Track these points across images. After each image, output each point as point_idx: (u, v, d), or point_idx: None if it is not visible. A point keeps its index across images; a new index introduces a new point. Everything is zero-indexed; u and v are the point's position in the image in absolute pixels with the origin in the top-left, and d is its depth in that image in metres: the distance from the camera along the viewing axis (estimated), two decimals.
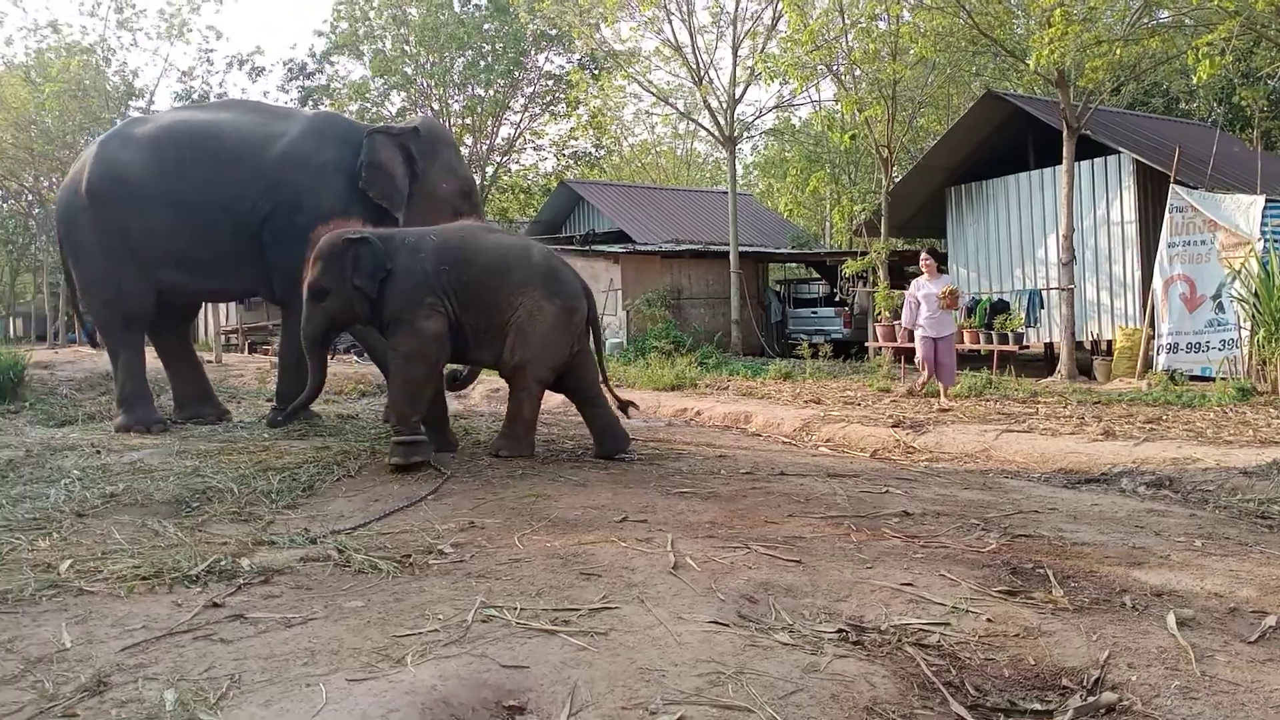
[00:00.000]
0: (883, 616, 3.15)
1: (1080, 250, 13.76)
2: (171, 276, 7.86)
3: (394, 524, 4.56)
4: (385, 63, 24.78)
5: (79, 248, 7.97)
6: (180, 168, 7.62)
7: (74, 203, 7.88)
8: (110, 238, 7.69)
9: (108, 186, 7.65)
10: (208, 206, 7.59)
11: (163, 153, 7.68)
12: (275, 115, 8.48)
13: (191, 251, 7.73)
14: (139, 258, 7.71)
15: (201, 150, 7.71)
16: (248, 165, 7.66)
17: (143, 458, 6.33)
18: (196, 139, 7.79)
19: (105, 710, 2.40)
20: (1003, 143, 15.96)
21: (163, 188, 7.60)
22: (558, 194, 26.25)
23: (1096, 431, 7.27)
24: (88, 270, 7.99)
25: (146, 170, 7.62)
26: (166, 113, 8.73)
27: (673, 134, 37.14)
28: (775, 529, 4.41)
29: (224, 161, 7.67)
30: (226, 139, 7.79)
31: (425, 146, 7.91)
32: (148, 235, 7.66)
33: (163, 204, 7.59)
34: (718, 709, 2.42)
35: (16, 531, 4.28)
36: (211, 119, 8.11)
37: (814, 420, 8.57)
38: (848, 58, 15.75)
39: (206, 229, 7.64)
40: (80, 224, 7.85)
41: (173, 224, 7.62)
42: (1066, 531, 4.44)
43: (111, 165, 7.70)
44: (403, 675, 2.60)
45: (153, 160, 7.65)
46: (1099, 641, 2.92)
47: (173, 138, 7.79)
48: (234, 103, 9.63)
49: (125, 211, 7.63)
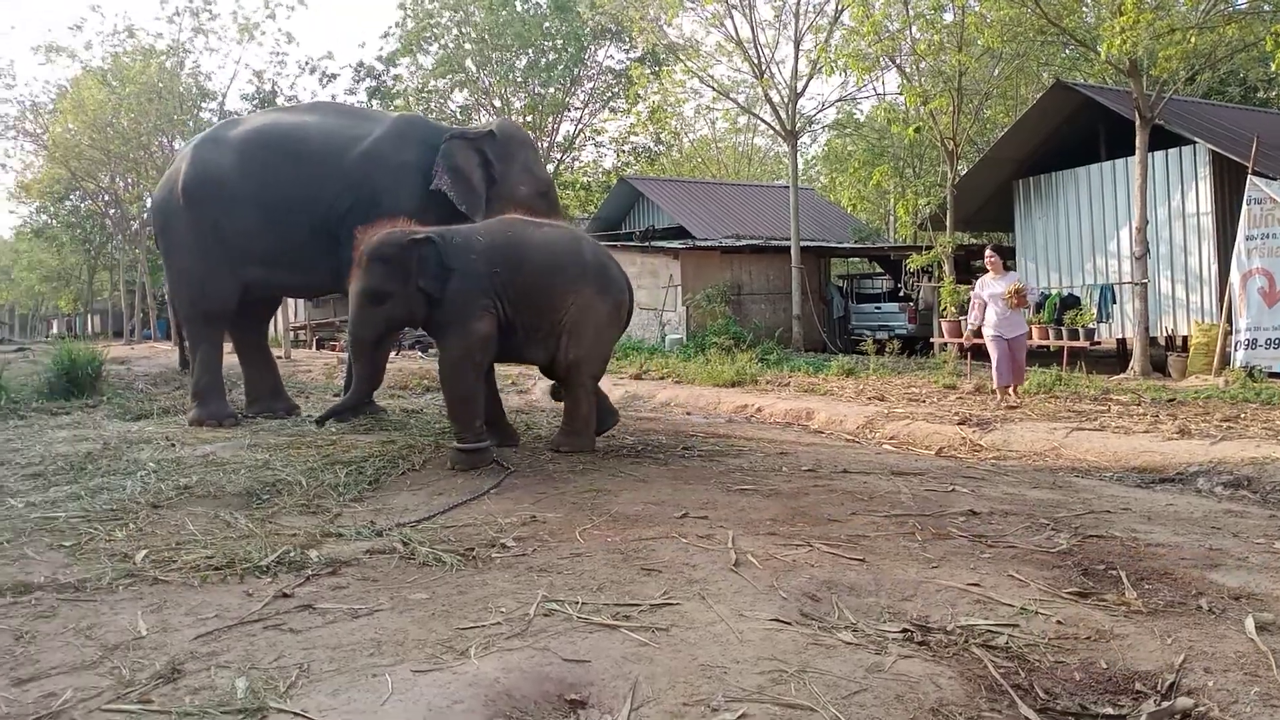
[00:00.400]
0: (949, 617, 3.10)
1: (1154, 243, 13.39)
2: (258, 274, 8.12)
3: (457, 517, 4.61)
4: (449, 63, 25.07)
5: (172, 245, 8.31)
6: (267, 169, 7.85)
7: (169, 201, 8.21)
8: (203, 236, 7.99)
9: (200, 188, 7.94)
10: (292, 206, 7.83)
11: (251, 155, 7.93)
12: (360, 117, 8.66)
13: (277, 250, 7.98)
14: (228, 256, 7.99)
15: (286, 152, 7.93)
16: (330, 165, 7.85)
17: (215, 451, 6.49)
18: (282, 141, 8.01)
19: (179, 697, 2.46)
20: (1073, 134, 15.59)
21: (250, 189, 7.85)
22: (617, 190, 26.29)
23: (1171, 430, 7.08)
24: (178, 266, 8.33)
25: (236, 172, 7.88)
26: (256, 114, 8.98)
27: (732, 128, 36.97)
28: (838, 527, 4.37)
29: (308, 162, 7.87)
30: (311, 141, 7.99)
31: (501, 149, 7.93)
32: (237, 234, 7.93)
33: (250, 204, 7.85)
34: (780, 707, 2.40)
35: (95, 522, 4.42)
36: (297, 121, 8.31)
37: (877, 417, 8.47)
38: (912, 50, 15.53)
39: (290, 228, 7.88)
40: (175, 222, 8.18)
41: (260, 224, 7.88)
42: (1140, 532, 4.33)
43: (204, 167, 7.98)
44: (466, 667, 2.63)
45: (242, 162, 7.90)
46: (1174, 645, 2.84)
47: (260, 140, 8.02)
48: (320, 105, 9.83)
49: (217, 212, 7.91)
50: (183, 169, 8.09)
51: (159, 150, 27.92)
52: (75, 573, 3.58)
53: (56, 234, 37.77)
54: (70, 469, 5.83)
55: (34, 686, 2.54)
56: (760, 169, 39.67)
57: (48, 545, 4.02)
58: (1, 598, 3.30)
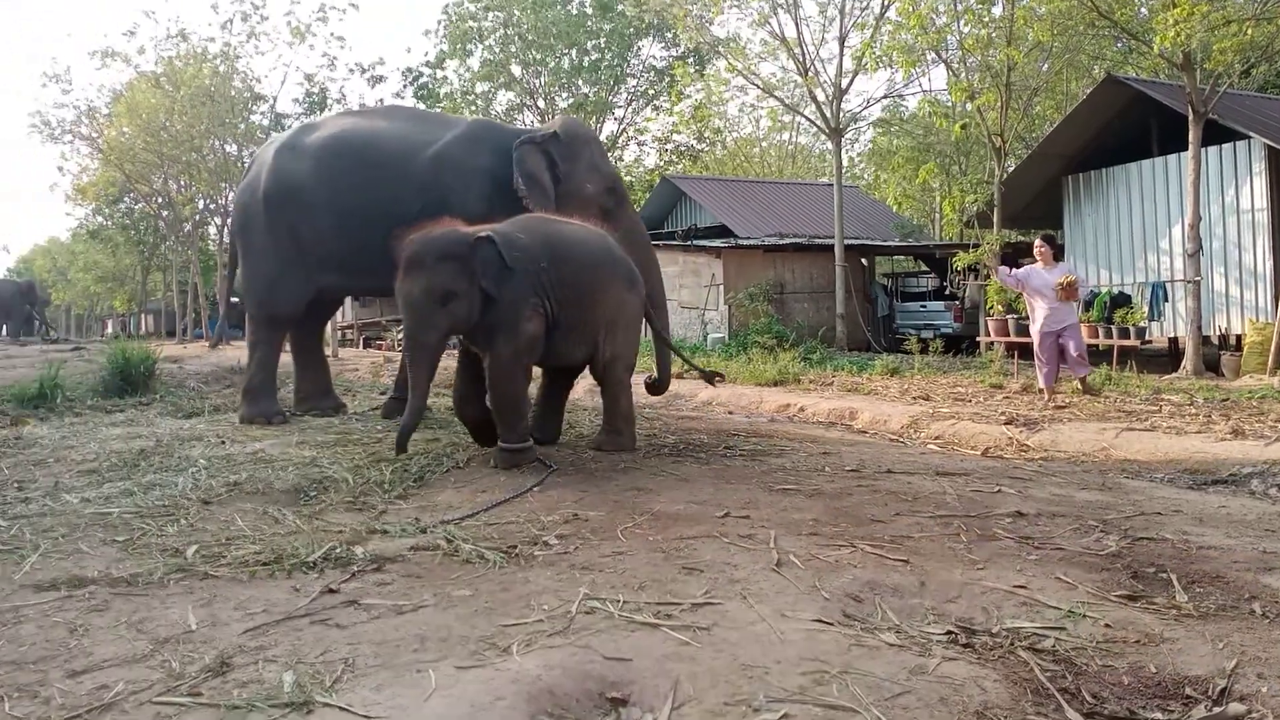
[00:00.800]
0: (994, 619, 3.06)
1: (1207, 240, 13.12)
2: (333, 279, 8.34)
3: (500, 515, 4.64)
4: (493, 64, 25.22)
5: (249, 245, 8.54)
6: (341, 177, 8.03)
7: (250, 204, 8.45)
8: (280, 240, 8.20)
9: (279, 194, 8.17)
10: (366, 213, 7.99)
11: (326, 163, 8.11)
12: (432, 121, 8.72)
13: (352, 255, 8.14)
14: (304, 261, 8.19)
15: (360, 159, 8.08)
16: (401, 170, 7.99)
17: (264, 448, 6.59)
18: (356, 148, 8.17)
19: (228, 690, 2.51)
20: (1123, 129, 15.33)
21: (327, 196, 8.04)
22: (660, 190, 26.30)
23: (1224, 430, 6.93)
24: (253, 266, 8.53)
25: (312, 179, 8.08)
26: (333, 119, 9.16)
27: (775, 126, 36.79)
28: (881, 528, 4.33)
29: (380, 168, 8.02)
30: (384, 146, 8.13)
31: (566, 149, 7.90)
32: (314, 241, 8.13)
33: (327, 211, 8.04)
34: (822, 708, 2.39)
35: (147, 517, 4.51)
36: (371, 127, 8.46)
37: (922, 417, 8.39)
38: (959, 45, 15.36)
39: (365, 234, 8.03)
40: (253, 223, 8.41)
41: (335, 230, 8.06)
42: (1191, 535, 4.24)
43: (283, 175, 8.20)
44: (509, 664, 2.65)
45: (318, 169, 8.10)
46: (1225, 650, 2.79)
47: (336, 147, 8.19)
48: (395, 109, 9.97)
49: (295, 218, 8.12)
50: (263, 175, 8.33)
51: (211, 153, 28.41)
52: (128, 567, 3.66)
53: (111, 235, 38.54)
54: (124, 465, 5.95)
55: (87, 678, 2.60)
56: (804, 167, 39.46)
57: (101, 540, 4.11)
58: (56, 591, 3.38)
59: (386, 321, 24.28)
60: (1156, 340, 14.53)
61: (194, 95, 26.53)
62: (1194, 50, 11.22)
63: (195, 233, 32.90)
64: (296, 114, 28.74)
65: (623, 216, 7.89)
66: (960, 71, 15.90)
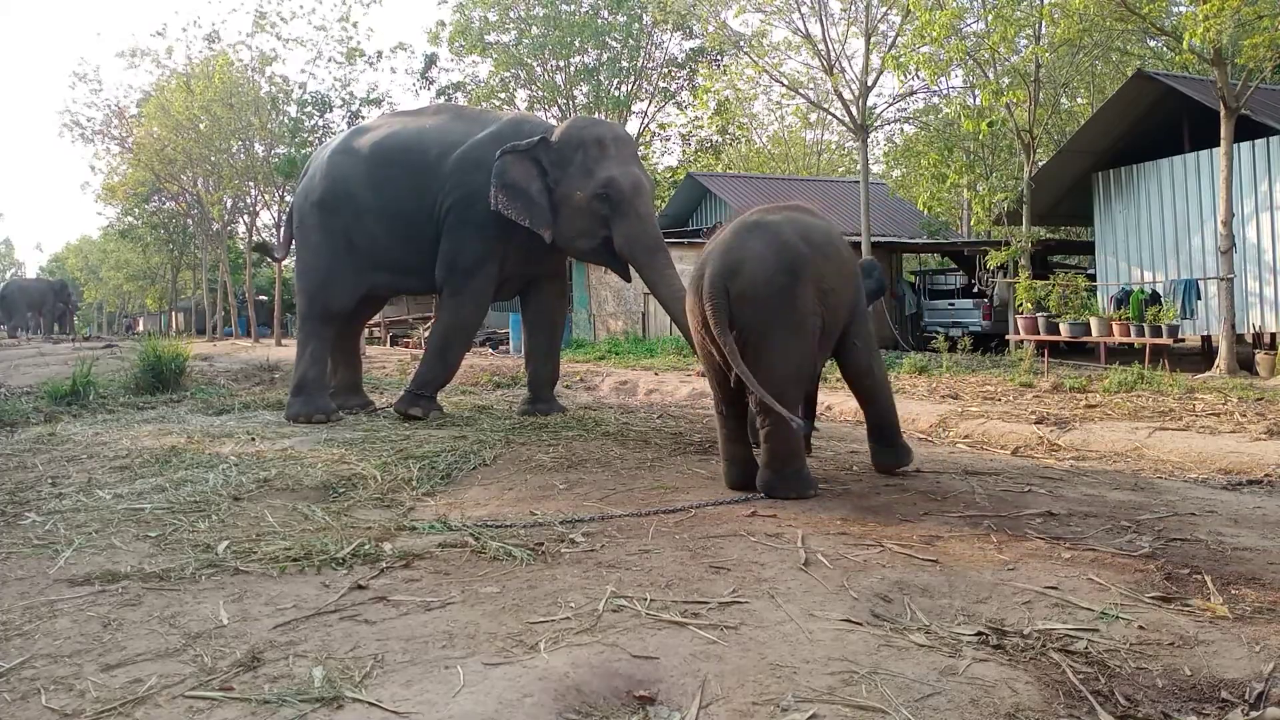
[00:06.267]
0: (1025, 620, 3.03)
1: (1240, 237, 12.94)
2: (384, 279, 8.60)
3: (527, 512, 4.65)
4: (509, 59, 25.24)
5: (304, 243, 8.77)
6: (388, 183, 8.24)
7: (305, 206, 8.68)
8: (334, 241, 8.41)
9: (334, 199, 8.40)
10: (410, 217, 8.21)
11: (375, 168, 8.32)
12: (473, 120, 8.71)
13: (402, 257, 8.37)
14: (355, 262, 8.38)
15: (403, 164, 8.27)
16: (436, 171, 8.15)
17: (293, 445, 6.65)
18: (401, 153, 8.35)
19: (258, 685, 2.53)
20: (1154, 125, 15.14)
21: (376, 200, 8.26)
22: (684, 187, 26.23)
23: (1259, 430, 6.83)
24: (307, 264, 8.75)
25: (363, 183, 8.30)
26: (382, 120, 9.32)
27: (803, 123, 36.62)
28: (910, 527, 4.30)
29: (420, 173, 8.19)
30: (426, 150, 8.28)
31: (557, 154, 7.80)
32: (366, 243, 8.34)
33: (376, 214, 8.26)
34: (850, 709, 2.37)
35: (179, 514, 4.56)
36: (416, 129, 8.59)
37: (951, 416, 8.32)
38: (987, 45, 15.21)
39: (411, 234, 8.25)
40: (309, 221, 8.63)
41: (386, 232, 8.28)
42: (1226, 536, 4.18)
43: (337, 180, 8.43)
44: (536, 661, 2.65)
45: (368, 173, 8.31)
46: (1262, 653, 2.74)
47: (383, 151, 8.38)
48: (444, 108, 9.98)
49: (348, 221, 8.33)
50: (319, 180, 8.53)
51: (239, 153, 28.63)
52: (160, 562, 3.70)
53: (141, 234, 38.99)
54: (155, 462, 6.02)
55: (120, 672, 2.63)
56: (830, 165, 39.27)
57: (134, 536, 4.16)
58: (90, 586, 3.43)
59: (414, 319, 24.39)
60: (1189, 339, 14.34)
61: (220, 96, 26.72)
62: (1225, 46, 11.06)
63: (224, 231, 33.16)
64: (315, 112, 28.52)
65: (622, 224, 7.67)
66: (988, 68, 15.75)
